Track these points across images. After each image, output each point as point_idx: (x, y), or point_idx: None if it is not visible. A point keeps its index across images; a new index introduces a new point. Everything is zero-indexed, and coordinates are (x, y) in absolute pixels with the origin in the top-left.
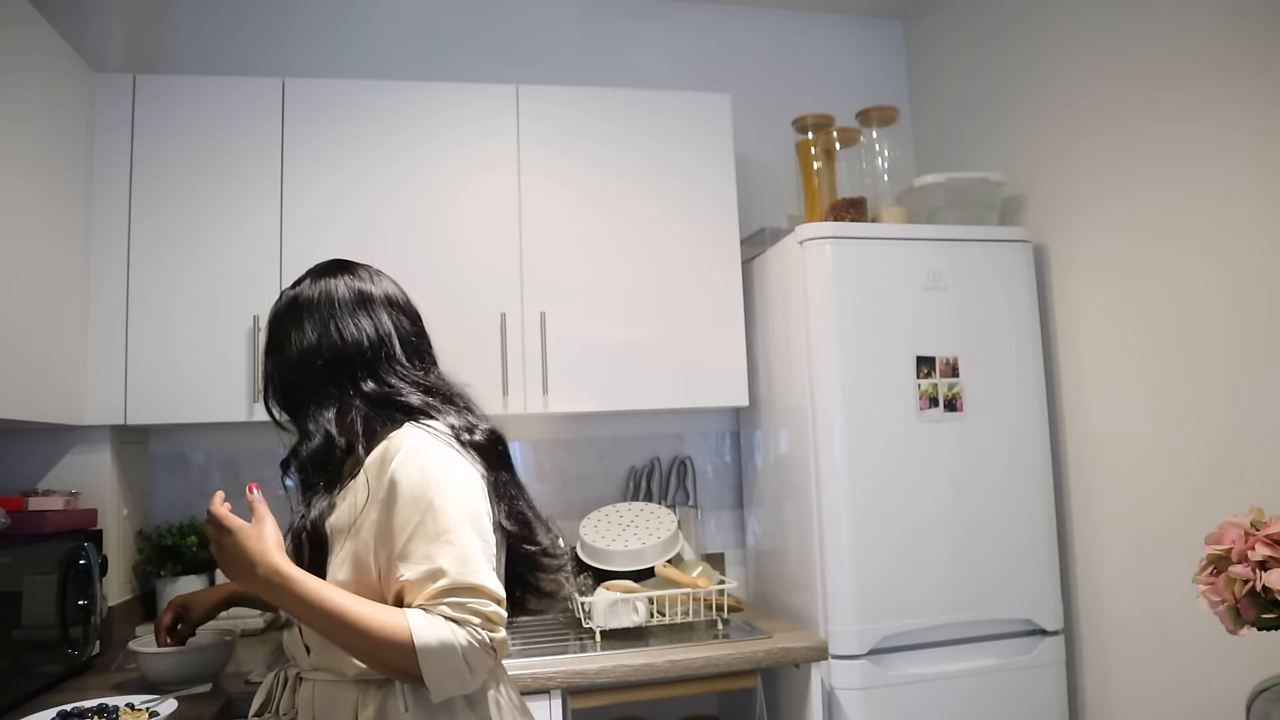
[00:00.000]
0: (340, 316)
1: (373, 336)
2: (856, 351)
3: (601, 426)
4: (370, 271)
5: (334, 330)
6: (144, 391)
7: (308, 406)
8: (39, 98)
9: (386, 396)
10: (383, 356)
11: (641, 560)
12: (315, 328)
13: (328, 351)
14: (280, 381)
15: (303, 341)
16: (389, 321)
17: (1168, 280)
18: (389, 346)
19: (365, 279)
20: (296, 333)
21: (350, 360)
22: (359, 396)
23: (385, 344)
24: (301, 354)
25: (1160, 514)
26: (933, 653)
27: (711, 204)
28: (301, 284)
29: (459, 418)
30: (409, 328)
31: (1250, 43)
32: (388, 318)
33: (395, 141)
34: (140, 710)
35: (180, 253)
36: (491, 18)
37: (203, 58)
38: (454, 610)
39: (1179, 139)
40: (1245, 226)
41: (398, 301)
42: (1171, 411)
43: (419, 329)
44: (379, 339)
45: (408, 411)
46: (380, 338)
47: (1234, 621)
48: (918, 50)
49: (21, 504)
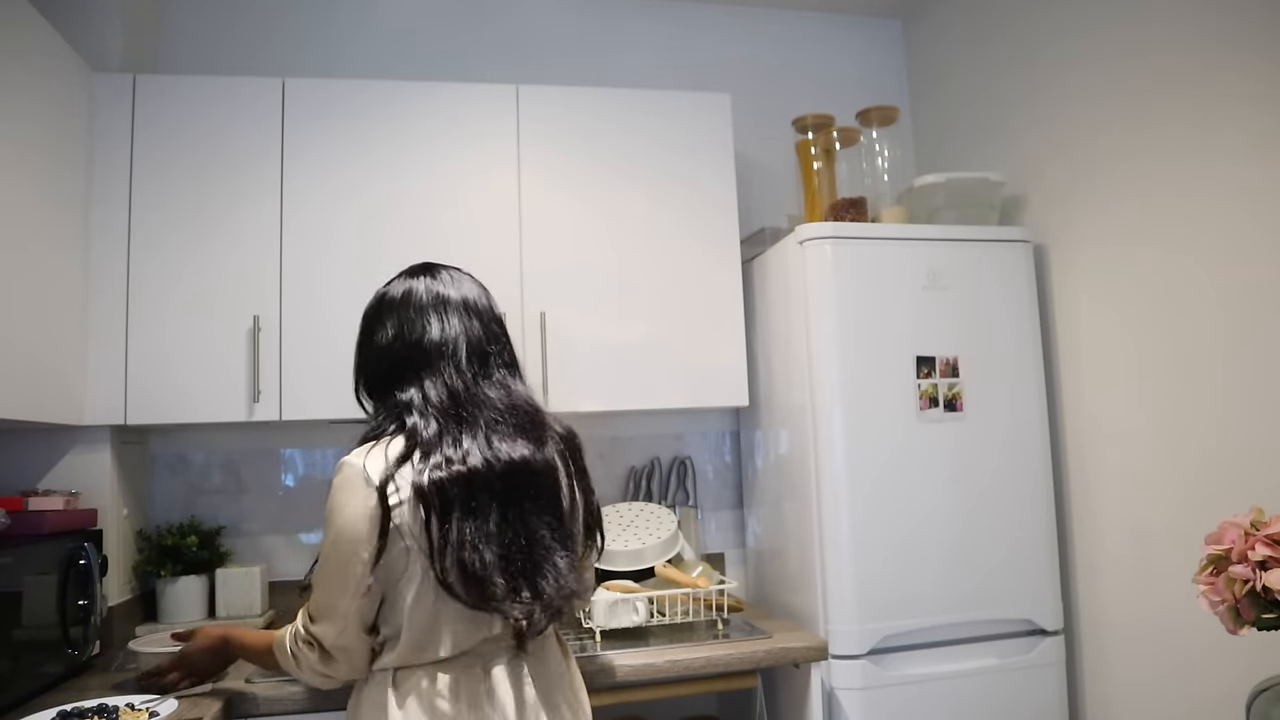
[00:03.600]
0: (414, 317)
1: (436, 339)
2: (856, 351)
3: (601, 426)
4: (453, 274)
5: (405, 329)
6: (144, 391)
7: (380, 400)
8: (39, 98)
9: (405, 404)
10: (445, 358)
11: (641, 560)
12: (393, 325)
13: (400, 349)
14: (363, 375)
15: (383, 338)
16: (459, 325)
17: (1168, 280)
18: (451, 349)
19: (445, 281)
20: (380, 329)
21: (414, 359)
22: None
23: (447, 346)
24: (380, 350)
25: (1160, 514)
26: (933, 653)
27: (711, 204)
28: (391, 283)
29: (441, 449)
30: (479, 333)
31: (1251, 43)
32: (459, 321)
33: (395, 142)
34: (140, 710)
35: (180, 253)
36: (491, 18)
37: (203, 58)
38: (293, 642)
39: (1180, 139)
40: (1247, 227)
41: (475, 306)
42: (1171, 411)
43: (493, 334)
44: (442, 341)
45: (386, 424)
46: (444, 340)
47: (1234, 621)
48: (917, 50)
49: (21, 504)
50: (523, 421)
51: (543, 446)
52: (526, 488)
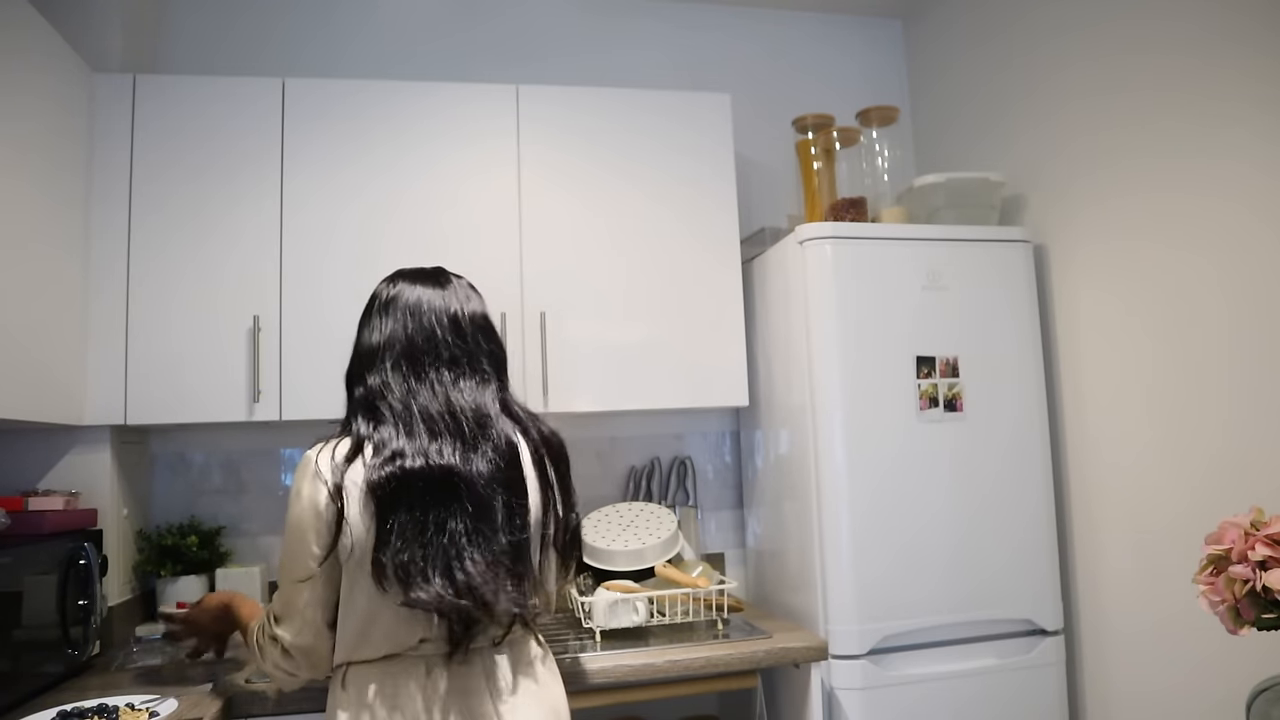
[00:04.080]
0: (366, 320)
1: (375, 342)
2: (856, 351)
3: (601, 426)
4: (408, 275)
5: (362, 332)
6: (144, 391)
7: (348, 400)
8: (38, 98)
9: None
10: (382, 361)
11: (641, 560)
12: (358, 328)
13: (355, 351)
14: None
15: (356, 340)
16: (399, 328)
17: (1168, 280)
18: (385, 353)
19: (395, 283)
20: (358, 331)
21: (361, 360)
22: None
23: (383, 350)
24: (353, 351)
25: (1160, 514)
26: (933, 653)
27: (711, 204)
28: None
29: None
30: (420, 335)
31: (1251, 41)
32: (400, 324)
33: (395, 142)
34: (140, 710)
35: (180, 253)
36: (491, 17)
37: (202, 58)
38: (259, 635)
39: (1181, 139)
40: (1248, 227)
41: (422, 308)
42: (1171, 411)
43: (439, 337)
44: (380, 344)
45: (345, 423)
46: (381, 343)
47: (1234, 621)
48: (917, 50)
49: (21, 504)
50: (454, 427)
51: (472, 454)
52: (450, 494)
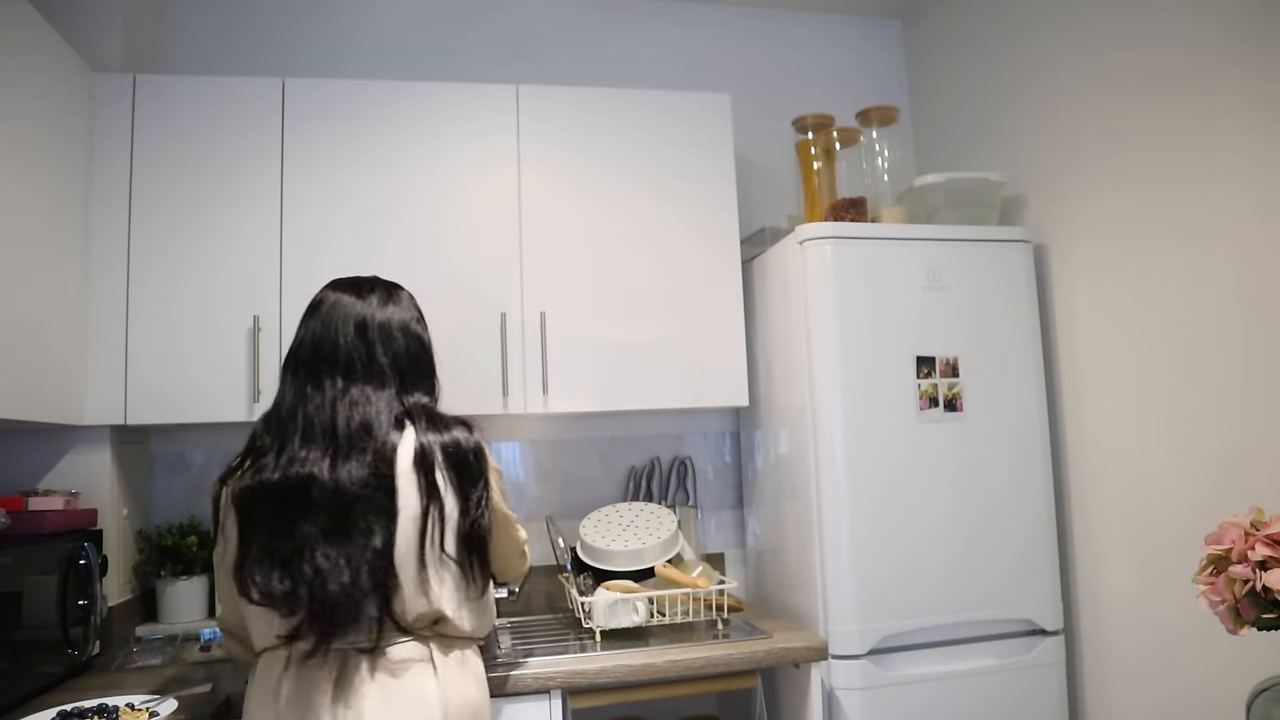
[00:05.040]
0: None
1: (289, 350)
2: (856, 351)
3: (601, 426)
4: (337, 283)
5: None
6: (144, 391)
7: None
8: (38, 97)
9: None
10: (288, 368)
11: (641, 560)
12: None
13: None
14: None
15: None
16: (306, 335)
17: (1167, 274)
18: (290, 360)
19: (323, 291)
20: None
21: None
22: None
23: (292, 357)
24: None
25: (1160, 514)
26: (933, 653)
27: (711, 204)
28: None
29: (260, 458)
30: (317, 342)
31: (1252, 37)
32: (307, 331)
33: (395, 142)
34: (140, 710)
35: (180, 252)
36: (488, 12)
37: (202, 57)
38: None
39: (1182, 139)
40: (1249, 219)
41: (316, 309)
42: (1170, 410)
43: (337, 344)
44: (290, 352)
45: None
46: (291, 351)
47: (1234, 621)
48: (917, 49)
49: (21, 504)
50: (330, 434)
51: (343, 461)
52: (305, 501)
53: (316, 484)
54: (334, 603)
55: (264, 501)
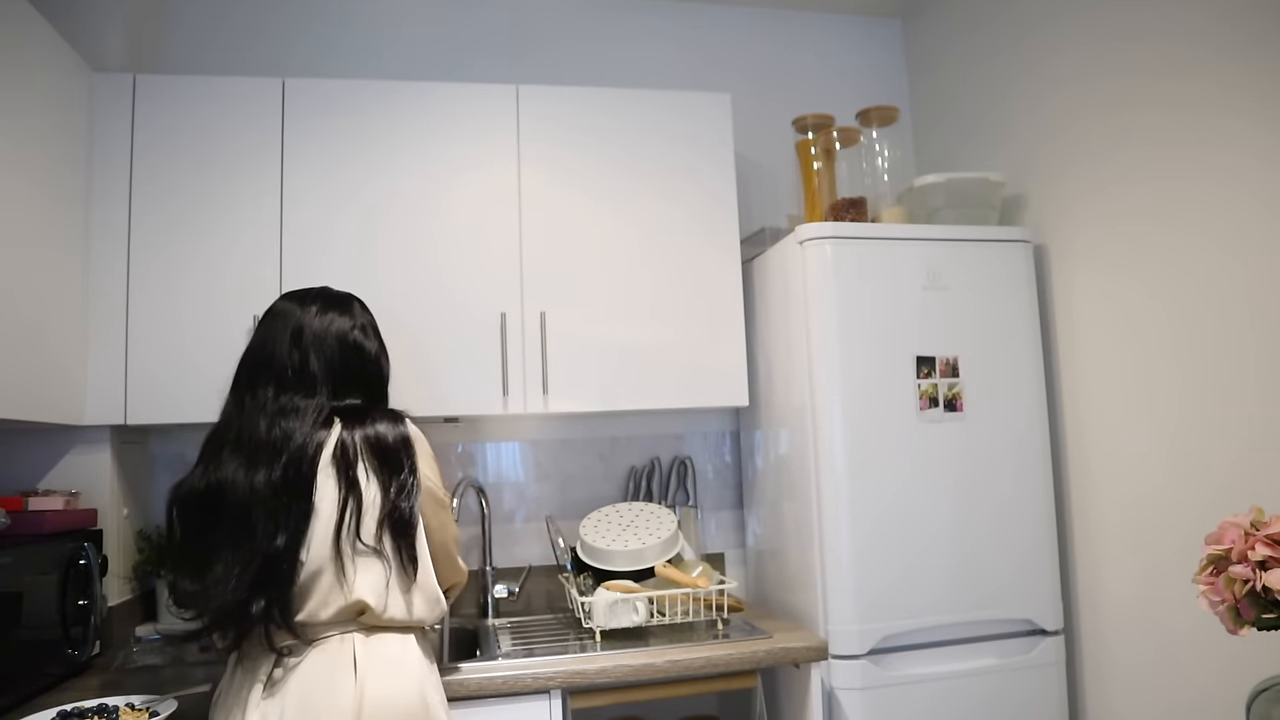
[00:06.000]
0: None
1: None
2: (857, 351)
3: (601, 426)
4: (288, 294)
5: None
6: (144, 391)
7: None
8: (38, 97)
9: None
10: (234, 378)
11: (641, 560)
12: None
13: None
14: None
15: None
16: (251, 347)
17: (1167, 280)
18: (236, 373)
19: (274, 303)
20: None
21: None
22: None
23: (235, 371)
24: None
25: (1160, 513)
26: (933, 653)
27: (711, 204)
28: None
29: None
30: (257, 352)
31: (1263, 37)
32: (251, 343)
33: (395, 141)
34: (140, 710)
35: (180, 252)
36: (490, 14)
37: (202, 57)
38: None
39: (1184, 140)
40: (1255, 225)
41: (263, 320)
42: (1170, 410)
43: (273, 355)
44: (237, 366)
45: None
46: (238, 364)
47: (1234, 621)
48: (917, 49)
49: (21, 504)
50: (253, 442)
51: (261, 467)
52: (217, 508)
53: (228, 490)
54: (222, 606)
55: (185, 509)
